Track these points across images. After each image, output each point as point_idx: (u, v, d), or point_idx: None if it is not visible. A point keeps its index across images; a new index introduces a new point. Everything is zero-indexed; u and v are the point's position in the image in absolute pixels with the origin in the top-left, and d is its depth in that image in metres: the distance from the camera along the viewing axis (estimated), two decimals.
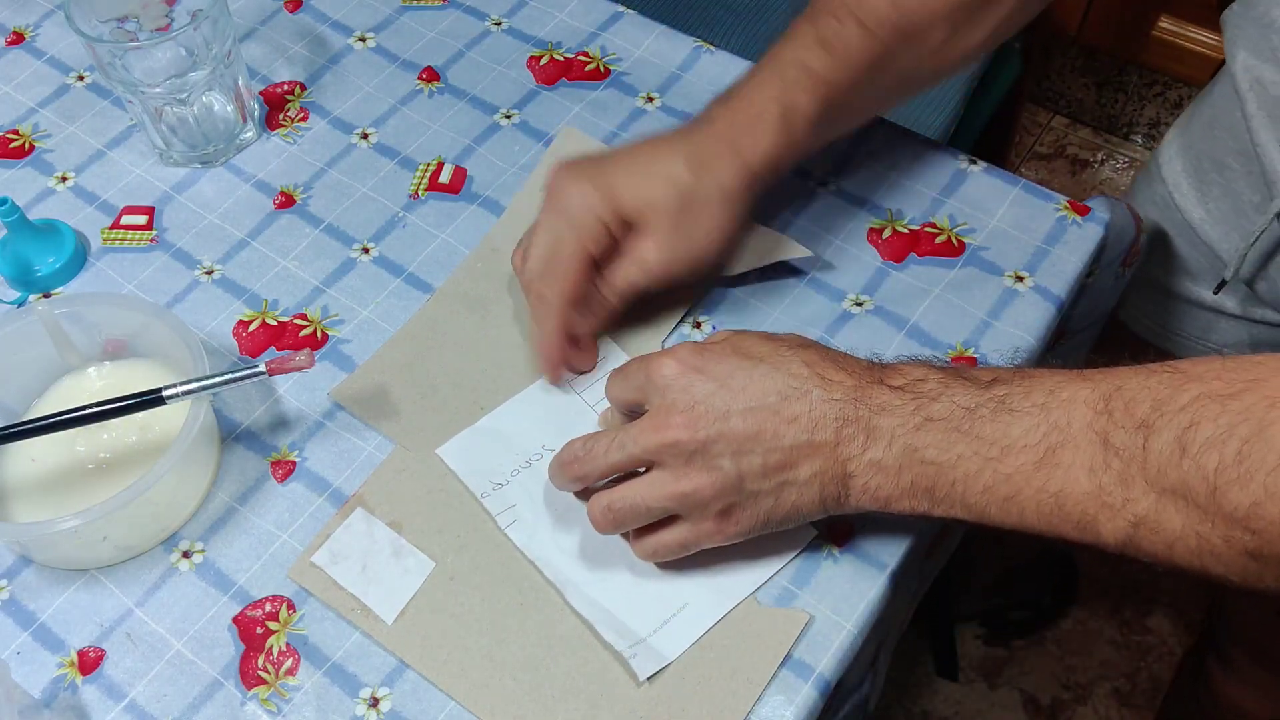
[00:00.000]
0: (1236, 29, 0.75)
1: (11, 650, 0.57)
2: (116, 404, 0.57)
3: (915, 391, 0.51)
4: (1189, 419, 0.45)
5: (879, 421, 0.51)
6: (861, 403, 0.52)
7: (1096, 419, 0.48)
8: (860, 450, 0.52)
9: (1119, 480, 0.47)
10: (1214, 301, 0.84)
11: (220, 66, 0.70)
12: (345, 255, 0.70)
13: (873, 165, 0.73)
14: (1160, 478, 0.46)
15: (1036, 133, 1.88)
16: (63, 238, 0.70)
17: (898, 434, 0.51)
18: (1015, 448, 0.49)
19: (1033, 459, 0.49)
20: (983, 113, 1.23)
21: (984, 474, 0.50)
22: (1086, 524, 0.48)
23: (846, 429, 0.51)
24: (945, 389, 0.51)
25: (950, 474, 0.50)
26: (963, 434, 0.50)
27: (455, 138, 0.75)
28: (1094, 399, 0.48)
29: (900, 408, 0.51)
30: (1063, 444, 0.48)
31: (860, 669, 0.61)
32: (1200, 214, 0.82)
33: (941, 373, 0.52)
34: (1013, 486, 0.49)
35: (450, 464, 0.61)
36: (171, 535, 0.60)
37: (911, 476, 0.51)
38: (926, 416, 0.51)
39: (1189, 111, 0.86)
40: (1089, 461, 0.48)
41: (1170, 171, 0.84)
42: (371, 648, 0.56)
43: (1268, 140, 0.72)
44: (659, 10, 0.84)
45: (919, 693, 1.36)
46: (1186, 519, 0.45)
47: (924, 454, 0.51)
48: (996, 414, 0.50)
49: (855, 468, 0.52)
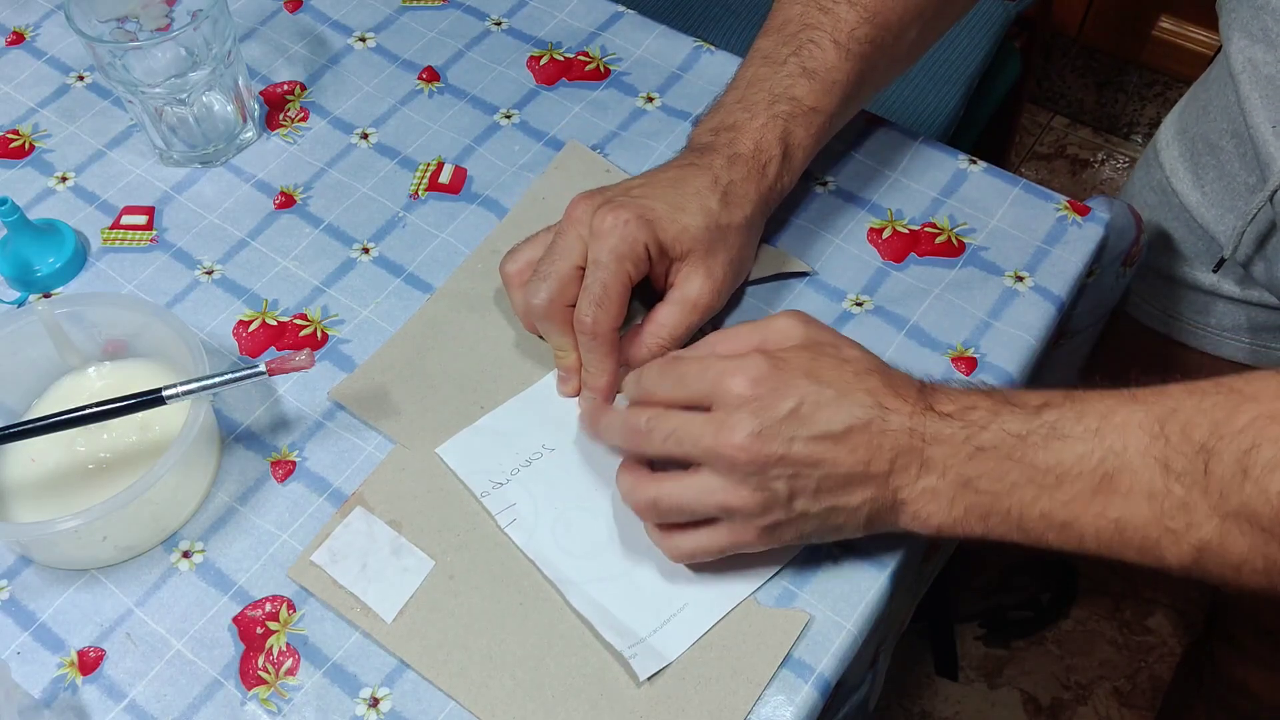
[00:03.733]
0: (1231, 12, 0.75)
1: (11, 650, 0.57)
2: (116, 404, 0.57)
3: (965, 420, 0.51)
4: (1249, 441, 0.45)
5: (931, 452, 0.51)
6: (915, 433, 0.51)
7: (1153, 443, 0.47)
8: (913, 479, 0.52)
9: (1180, 506, 0.46)
10: (1212, 284, 0.84)
11: (220, 66, 0.70)
12: (345, 255, 0.70)
13: (873, 165, 0.73)
14: (1223, 502, 0.45)
15: (1036, 133, 1.88)
16: (63, 238, 0.70)
17: (950, 464, 0.51)
18: (1070, 475, 0.49)
19: (1089, 485, 0.48)
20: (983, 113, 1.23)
21: (1040, 501, 0.50)
22: (1149, 549, 0.48)
23: (901, 459, 0.51)
24: (995, 416, 0.51)
25: (1005, 502, 0.50)
26: (1015, 462, 0.50)
27: (455, 138, 0.75)
28: (1148, 422, 0.48)
29: (951, 437, 0.51)
30: (1119, 470, 0.48)
31: (860, 669, 0.61)
32: (1196, 197, 0.82)
33: (990, 399, 0.52)
34: (1070, 513, 0.49)
35: (450, 463, 0.61)
36: (171, 535, 0.60)
37: (965, 505, 0.51)
38: (978, 445, 0.50)
39: (1186, 97, 0.87)
40: (1148, 487, 0.47)
41: (1168, 156, 0.85)
42: (371, 648, 0.56)
43: (1260, 122, 0.72)
44: (659, 10, 0.84)
45: (919, 693, 1.36)
46: (1253, 542, 0.45)
47: (977, 483, 0.51)
48: (1048, 440, 0.49)
49: (907, 495, 0.52)
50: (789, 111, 0.62)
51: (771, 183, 0.62)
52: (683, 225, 0.59)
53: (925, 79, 1.15)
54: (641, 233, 0.58)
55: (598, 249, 0.58)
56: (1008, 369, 0.64)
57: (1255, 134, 0.73)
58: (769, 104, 0.62)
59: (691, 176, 0.61)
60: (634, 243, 0.58)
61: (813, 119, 0.63)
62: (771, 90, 0.63)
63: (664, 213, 0.59)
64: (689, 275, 0.60)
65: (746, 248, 0.62)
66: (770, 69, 0.63)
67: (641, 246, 0.58)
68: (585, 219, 0.59)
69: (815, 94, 0.63)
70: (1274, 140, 0.72)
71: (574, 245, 0.59)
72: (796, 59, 0.63)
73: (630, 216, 0.58)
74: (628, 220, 0.58)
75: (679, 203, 0.59)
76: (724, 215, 0.60)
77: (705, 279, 0.60)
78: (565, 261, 0.59)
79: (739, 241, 0.61)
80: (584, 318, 0.58)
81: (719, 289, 0.61)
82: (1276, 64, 0.71)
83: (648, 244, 0.58)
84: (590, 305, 0.58)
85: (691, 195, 0.60)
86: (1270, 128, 0.72)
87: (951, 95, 1.14)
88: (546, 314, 0.60)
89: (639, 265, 0.59)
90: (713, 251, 0.60)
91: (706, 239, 0.59)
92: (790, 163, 0.63)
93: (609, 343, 0.59)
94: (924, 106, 1.13)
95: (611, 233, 0.58)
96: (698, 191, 0.60)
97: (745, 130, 0.62)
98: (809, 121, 0.63)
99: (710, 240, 0.59)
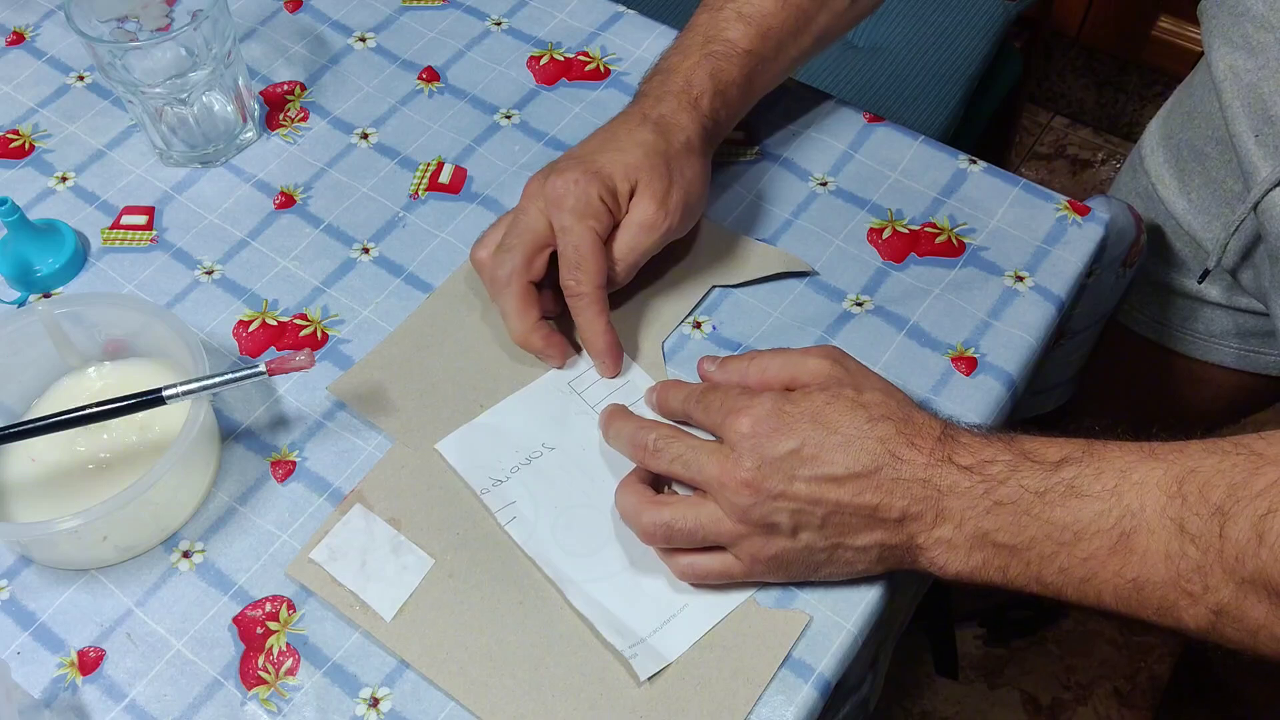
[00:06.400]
0: (1213, 18, 0.75)
1: (11, 650, 0.57)
2: (116, 404, 0.57)
3: (984, 474, 0.51)
4: (1266, 505, 0.44)
5: (947, 504, 0.51)
6: (930, 483, 0.52)
7: (1170, 504, 0.47)
8: (929, 528, 0.52)
9: (1196, 569, 0.46)
10: (1199, 291, 0.84)
11: (220, 66, 0.70)
12: (345, 255, 0.70)
13: (873, 165, 0.73)
14: (1239, 567, 0.45)
15: (1036, 133, 1.88)
16: (63, 238, 0.70)
17: (967, 516, 0.51)
18: (1088, 533, 0.49)
19: (1107, 544, 0.48)
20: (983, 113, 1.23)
21: (1058, 557, 0.50)
22: (1167, 610, 0.48)
23: (914, 507, 0.52)
24: (1013, 471, 0.51)
25: (1024, 555, 0.50)
26: (1033, 518, 0.50)
27: (455, 138, 0.75)
28: (1166, 482, 0.47)
29: (969, 490, 0.51)
30: (1137, 529, 0.48)
31: (860, 669, 0.61)
32: (1183, 205, 0.82)
33: (1010, 451, 0.52)
34: (1088, 569, 0.49)
35: (449, 459, 0.61)
36: (171, 535, 0.60)
37: (983, 556, 0.52)
38: (996, 500, 0.51)
39: (1170, 103, 0.86)
40: (1165, 548, 0.47)
41: (1153, 163, 0.85)
42: (371, 647, 0.56)
43: (1243, 130, 0.72)
44: (659, 10, 0.84)
45: (919, 693, 1.36)
46: (1269, 610, 0.45)
47: (994, 537, 0.51)
48: (1066, 498, 0.49)
49: (923, 542, 0.52)
50: (721, 51, 0.65)
51: (707, 113, 0.64)
52: (624, 163, 0.61)
53: (925, 79, 1.15)
54: (592, 186, 0.60)
55: (559, 216, 0.61)
56: (1008, 369, 0.64)
57: (1238, 142, 0.73)
58: (702, 44, 0.66)
59: (622, 122, 0.64)
60: (589, 199, 0.60)
61: (746, 60, 0.66)
62: (706, 33, 0.66)
63: (606, 160, 0.61)
64: (637, 202, 0.62)
65: (692, 169, 0.63)
66: (709, 15, 0.67)
67: (596, 199, 0.60)
68: (539, 191, 0.61)
69: (748, 36, 0.65)
70: (1256, 149, 0.71)
71: (535, 218, 0.61)
72: (734, 4, 0.66)
73: (578, 175, 0.60)
74: (576, 179, 0.60)
75: (617, 146, 0.62)
76: (660, 142, 0.62)
77: (651, 200, 0.62)
78: (528, 234, 0.61)
79: (683, 163, 0.63)
80: (569, 283, 0.61)
81: (668, 209, 0.62)
82: (1257, 71, 0.71)
83: (601, 195, 0.60)
84: (570, 270, 0.61)
85: (625, 135, 0.63)
86: (1253, 136, 0.72)
87: (951, 95, 1.14)
88: (509, 285, 0.62)
89: (601, 218, 0.61)
90: (657, 176, 0.62)
91: (648, 165, 0.61)
92: (724, 97, 0.65)
93: (598, 301, 0.61)
94: (924, 106, 1.13)
95: (565, 195, 0.60)
96: (630, 131, 0.63)
97: (677, 71, 0.65)
98: (742, 62, 0.65)
99: (651, 167, 0.61)
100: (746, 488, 0.52)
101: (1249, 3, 0.71)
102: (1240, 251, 0.78)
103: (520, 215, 0.62)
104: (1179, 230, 0.83)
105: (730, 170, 0.73)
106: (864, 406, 0.54)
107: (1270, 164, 0.71)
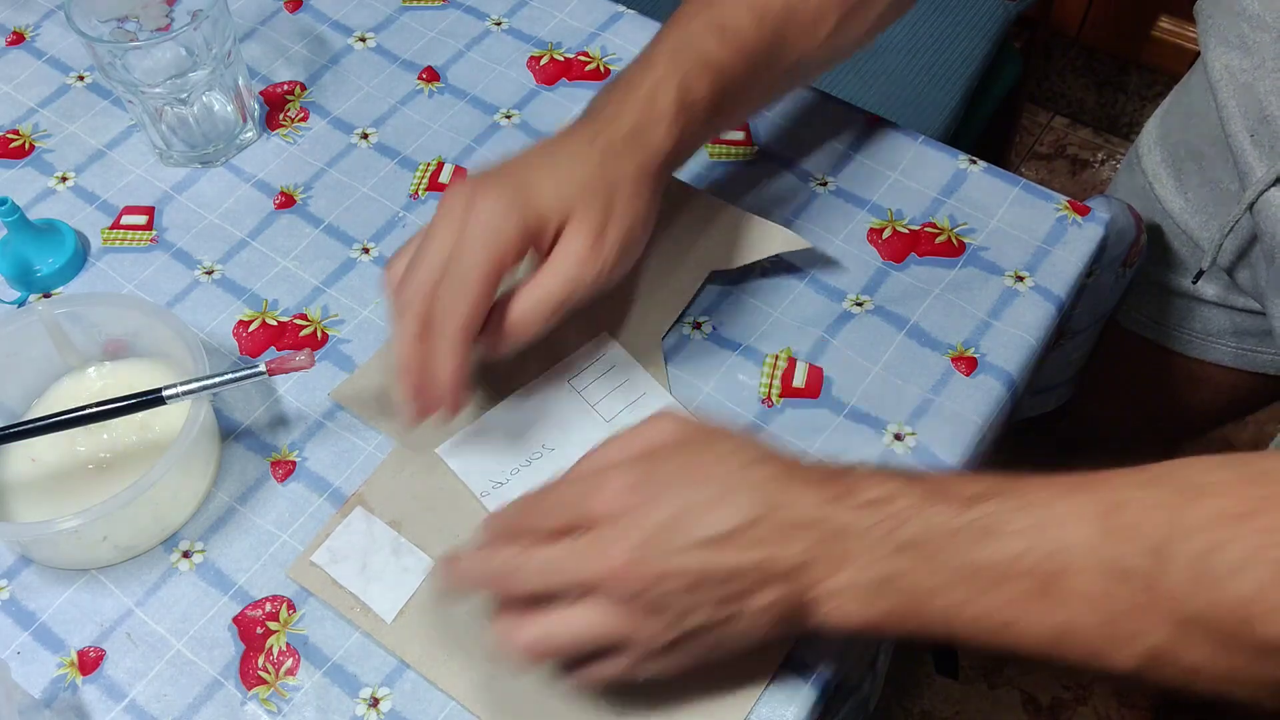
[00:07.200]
0: (1208, 18, 0.75)
1: (11, 650, 0.57)
2: (116, 404, 0.57)
3: (887, 511, 0.46)
4: (1204, 541, 0.41)
5: (847, 546, 0.46)
6: (825, 524, 0.46)
7: (1100, 541, 0.43)
8: (827, 576, 0.46)
9: (1130, 611, 0.42)
10: (1195, 291, 0.84)
11: (220, 66, 0.70)
12: (345, 255, 0.70)
13: (873, 165, 0.73)
14: (1179, 607, 0.41)
15: (1036, 133, 1.88)
16: (63, 238, 0.70)
17: (869, 560, 0.46)
18: (1008, 576, 0.44)
19: (1029, 587, 0.44)
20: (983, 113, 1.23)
21: (973, 604, 0.45)
22: (1094, 655, 0.44)
23: (810, 553, 0.46)
24: (921, 508, 0.45)
25: (933, 603, 0.45)
26: (944, 561, 0.45)
27: (455, 138, 0.75)
28: (1094, 517, 0.43)
29: (870, 530, 0.46)
30: (1063, 570, 0.43)
31: (860, 669, 0.61)
32: (1180, 204, 0.82)
33: (918, 486, 0.46)
34: (1007, 616, 0.44)
35: (450, 463, 0.61)
36: (171, 535, 0.60)
37: (887, 605, 0.46)
38: (901, 541, 0.45)
39: (1167, 102, 0.86)
40: (1095, 590, 0.43)
41: (1150, 162, 0.85)
42: (371, 647, 0.56)
43: (1238, 130, 0.72)
44: (659, 10, 0.84)
45: (919, 692, 1.36)
46: (1212, 650, 0.41)
47: (899, 582, 0.45)
48: (982, 538, 0.44)
49: (821, 592, 0.47)
50: (690, 65, 0.57)
51: (662, 136, 0.56)
52: (556, 192, 0.54)
53: (925, 79, 1.15)
54: (510, 219, 0.52)
55: (465, 241, 0.53)
56: (1008, 369, 0.64)
57: (1233, 142, 0.72)
58: (670, 56, 0.58)
59: (569, 139, 0.56)
60: (503, 229, 0.52)
61: (716, 76, 0.58)
62: (675, 44, 0.58)
63: (540, 186, 0.54)
64: (568, 235, 0.54)
65: (638, 203, 0.56)
66: (679, 26, 0.60)
67: (511, 233, 0.52)
68: (459, 206, 0.54)
69: (721, 51, 0.58)
70: (1252, 149, 0.71)
71: (447, 236, 0.54)
72: (707, 14, 0.59)
73: (501, 204, 0.53)
74: (496, 206, 0.53)
75: (554, 168, 0.55)
76: (606, 171, 0.55)
77: (583, 237, 0.54)
78: (438, 256, 0.53)
79: (629, 197, 0.55)
80: (437, 305, 0.53)
81: (602, 249, 0.54)
82: (1253, 71, 0.70)
83: (519, 227, 0.53)
84: (446, 293, 0.53)
85: (566, 158, 0.55)
86: (1248, 136, 0.71)
87: (951, 95, 1.14)
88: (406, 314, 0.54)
89: (510, 253, 0.53)
90: (594, 209, 0.54)
91: (586, 197, 0.54)
92: (689, 114, 0.57)
93: (463, 341, 0.53)
94: (924, 106, 1.13)
95: (478, 219, 0.53)
96: (573, 153, 0.55)
97: (640, 85, 0.57)
98: (713, 77, 0.58)
99: (588, 197, 0.54)
100: (626, 573, 0.46)
101: (1245, 2, 0.71)
102: (1236, 251, 0.78)
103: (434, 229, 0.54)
104: (1176, 230, 0.83)
105: (730, 170, 0.73)
106: (732, 453, 0.49)
107: (1265, 164, 0.71)
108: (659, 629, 0.47)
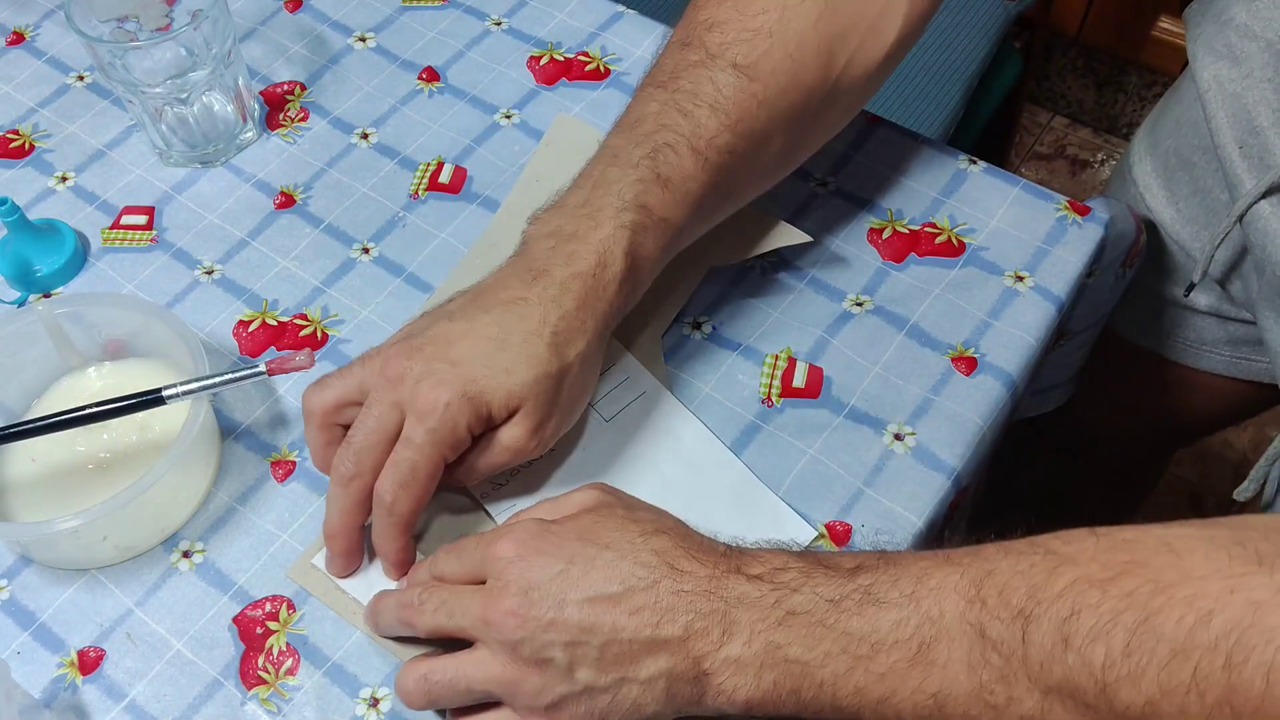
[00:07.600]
0: (1197, 26, 0.75)
1: (11, 650, 0.57)
2: (116, 404, 0.57)
3: (775, 582, 0.47)
4: (1068, 607, 0.42)
5: (736, 615, 0.47)
6: (716, 595, 0.47)
7: (970, 608, 0.44)
8: (715, 646, 0.47)
9: (1000, 678, 0.43)
10: (1188, 301, 0.84)
11: (220, 66, 0.70)
12: (345, 255, 0.70)
13: (873, 165, 0.73)
14: (1044, 674, 0.42)
15: (1036, 133, 1.88)
16: (63, 238, 0.70)
17: (757, 629, 0.47)
18: (886, 643, 0.45)
19: (906, 655, 0.45)
20: (983, 113, 1.23)
21: (855, 673, 0.46)
22: None
23: (698, 623, 0.47)
24: (806, 579, 0.47)
25: (817, 674, 0.46)
26: (828, 629, 0.46)
27: (455, 138, 0.75)
28: (964, 585, 0.45)
29: (759, 600, 0.47)
30: (937, 638, 0.44)
31: None
32: (1171, 214, 0.82)
33: (802, 560, 0.48)
34: (887, 687, 0.45)
35: None
36: (171, 535, 0.60)
37: (774, 676, 0.47)
38: (788, 610, 0.47)
39: (1156, 111, 0.86)
40: (966, 657, 0.44)
41: (1140, 172, 0.84)
42: (371, 647, 0.56)
43: (1227, 141, 0.71)
44: (659, 10, 0.84)
45: None
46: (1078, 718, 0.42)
47: (786, 651, 0.46)
48: (863, 606, 0.46)
49: (711, 665, 0.47)
50: (637, 221, 0.56)
51: (611, 300, 0.56)
52: (508, 389, 0.54)
53: (925, 79, 1.15)
54: (463, 415, 0.53)
55: (413, 429, 0.53)
56: (1008, 369, 0.64)
57: (1222, 153, 0.72)
58: (616, 212, 0.56)
59: (517, 323, 0.55)
60: (454, 428, 0.53)
61: (663, 230, 0.57)
62: (621, 195, 0.56)
63: (487, 378, 0.53)
64: (514, 423, 0.55)
65: (580, 385, 0.57)
66: (620, 170, 0.57)
67: (463, 430, 0.53)
68: (405, 388, 0.53)
69: (667, 204, 0.57)
70: (1240, 160, 0.71)
71: (389, 416, 0.54)
72: (650, 162, 0.57)
73: (452, 398, 0.53)
74: (449, 403, 0.52)
75: (504, 363, 0.54)
76: (554, 361, 0.54)
77: (526, 429, 0.55)
78: (378, 434, 0.54)
79: (574, 383, 0.56)
80: (384, 495, 0.53)
81: (541, 439, 0.56)
82: (1241, 81, 0.70)
83: (470, 425, 0.53)
84: (393, 484, 0.53)
85: (517, 347, 0.54)
86: (1237, 147, 0.71)
87: (951, 95, 1.14)
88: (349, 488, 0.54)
89: (457, 447, 0.54)
90: (541, 404, 0.55)
91: (536, 393, 0.54)
92: (636, 276, 0.57)
93: (406, 524, 0.54)
94: (924, 106, 1.13)
95: (429, 414, 0.53)
96: (524, 340, 0.54)
97: (587, 241, 0.55)
98: (659, 233, 0.57)
99: (539, 391, 0.54)
100: (512, 617, 0.48)
101: (1233, 11, 0.70)
102: (1228, 262, 0.78)
103: (373, 406, 0.54)
104: (1168, 240, 0.83)
105: None
106: (636, 522, 0.50)
107: (1254, 176, 0.70)
108: (542, 683, 0.48)
